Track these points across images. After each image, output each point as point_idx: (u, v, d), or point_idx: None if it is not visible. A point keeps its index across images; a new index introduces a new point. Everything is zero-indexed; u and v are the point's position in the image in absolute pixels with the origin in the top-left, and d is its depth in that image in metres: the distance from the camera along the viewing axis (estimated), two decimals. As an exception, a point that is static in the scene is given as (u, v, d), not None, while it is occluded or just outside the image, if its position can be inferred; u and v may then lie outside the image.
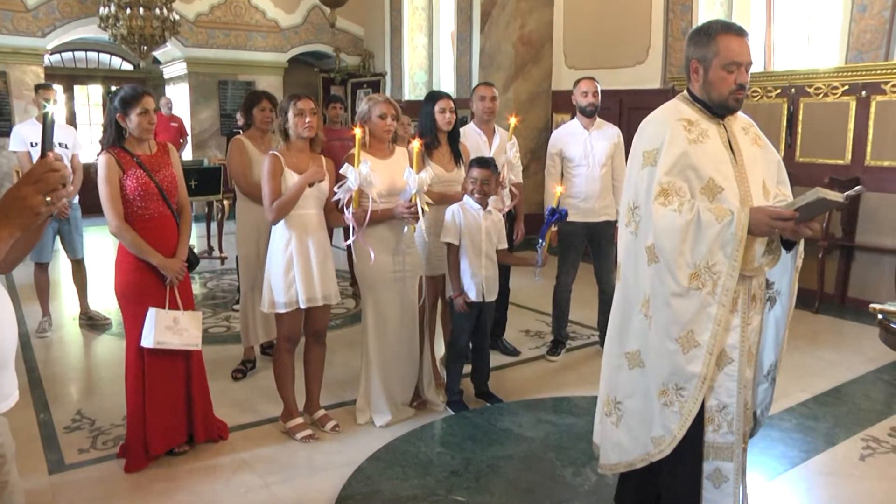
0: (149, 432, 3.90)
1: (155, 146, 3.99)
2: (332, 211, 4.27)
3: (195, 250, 4.22)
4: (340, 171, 4.10)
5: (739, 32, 2.73)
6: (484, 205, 4.53)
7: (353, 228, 4.14)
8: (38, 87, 6.77)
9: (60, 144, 6.40)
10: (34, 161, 6.27)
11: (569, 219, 4.68)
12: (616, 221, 5.49)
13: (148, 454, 3.92)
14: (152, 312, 3.81)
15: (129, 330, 3.92)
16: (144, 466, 3.91)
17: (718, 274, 2.61)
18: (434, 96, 4.89)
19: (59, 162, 1.70)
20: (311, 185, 4.08)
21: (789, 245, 2.76)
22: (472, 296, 4.52)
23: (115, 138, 3.84)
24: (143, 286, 3.86)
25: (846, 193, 2.62)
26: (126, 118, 3.81)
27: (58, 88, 13.40)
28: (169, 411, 3.97)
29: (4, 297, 1.93)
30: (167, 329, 3.82)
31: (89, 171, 6.08)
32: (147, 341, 3.80)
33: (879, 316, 2.97)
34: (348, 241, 4.21)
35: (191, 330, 3.92)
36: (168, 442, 4.00)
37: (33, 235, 1.98)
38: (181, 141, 11.65)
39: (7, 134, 6.58)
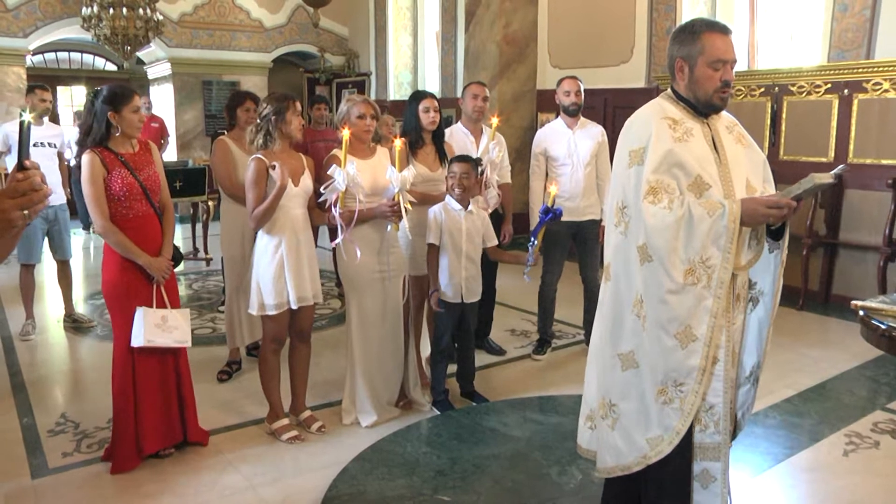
0: (142, 431, 3.88)
1: (137, 145, 3.96)
2: (313, 209, 4.26)
3: (180, 250, 4.20)
4: (328, 172, 4.09)
5: (724, 30, 2.74)
6: (465, 205, 4.52)
7: (341, 228, 4.13)
8: (32, 88, 6.65)
9: (50, 144, 6.40)
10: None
11: (553, 218, 4.69)
12: (601, 220, 5.52)
13: (141, 453, 3.91)
14: (140, 312, 3.80)
15: (117, 330, 3.90)
16: (135, 466, 3.90)
17: (713, 267, 2.61)
18: (418, 95, 4.89)
19: (40, 180, 1.72)
20: (296, 184, 4.08)
21: (775, 235, 2.77)
22: (450, 295, 4.53)
23: (101, 137, 3.81)
24: (130, 286, 3.85)
25: (833, 172, 2.69)
26: (118, 115, 3.77)
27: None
28: (162, 410, 3.96)
29: None
30: (156, 327, 3.82)
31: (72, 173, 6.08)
32: (137, 340, 3.79)
33: (861, 313, 2.97)
34: (335, 242, 4.21)
35: (181, 327, 3.92)
36: (162, 440, 3.99)
37: (9, 243, 1.97)
38: (162, 141, 11.56)
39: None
